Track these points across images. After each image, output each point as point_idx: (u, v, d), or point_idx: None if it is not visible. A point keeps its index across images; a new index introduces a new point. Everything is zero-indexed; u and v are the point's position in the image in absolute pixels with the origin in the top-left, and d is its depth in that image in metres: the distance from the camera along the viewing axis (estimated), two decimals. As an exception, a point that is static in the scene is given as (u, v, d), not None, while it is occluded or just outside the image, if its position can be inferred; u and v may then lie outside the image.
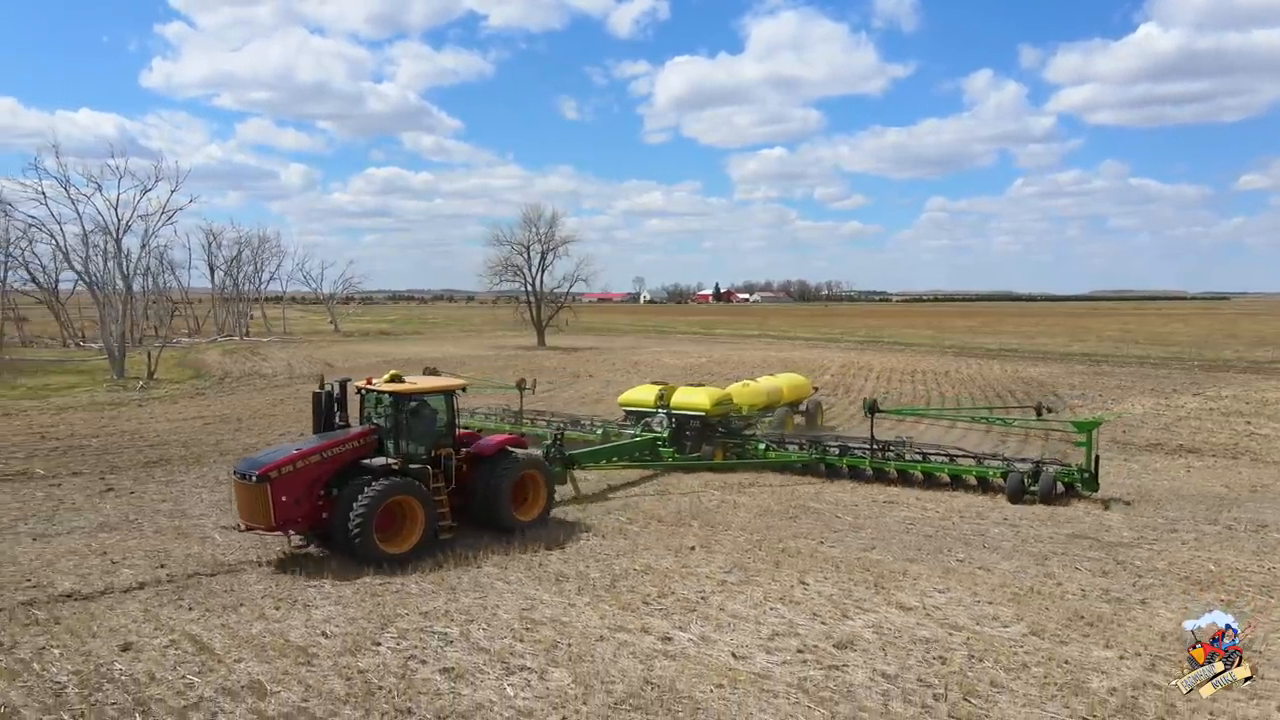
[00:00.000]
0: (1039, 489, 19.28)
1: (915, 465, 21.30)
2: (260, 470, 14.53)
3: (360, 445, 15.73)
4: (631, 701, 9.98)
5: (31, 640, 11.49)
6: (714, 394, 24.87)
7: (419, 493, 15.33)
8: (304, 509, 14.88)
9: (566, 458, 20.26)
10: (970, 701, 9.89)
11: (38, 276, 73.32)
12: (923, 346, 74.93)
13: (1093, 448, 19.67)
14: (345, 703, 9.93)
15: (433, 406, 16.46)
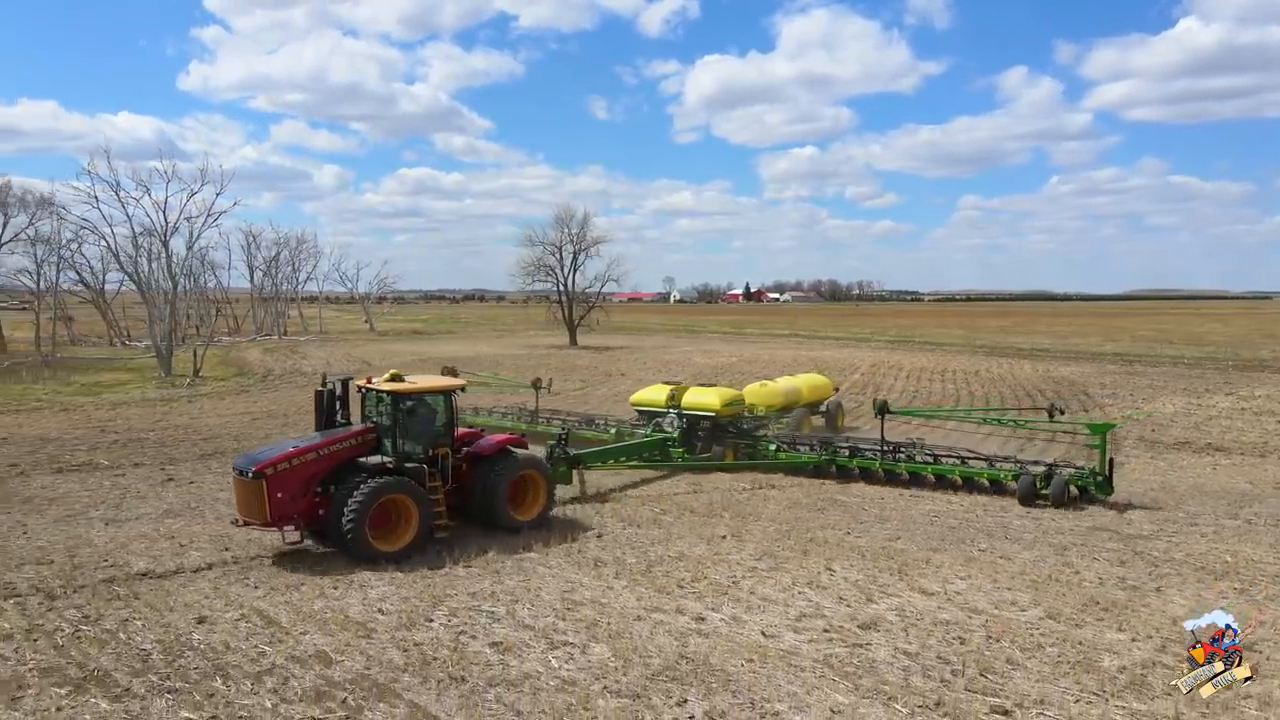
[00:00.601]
0: (1051, 492, 19.05)
1: (926, 467, 21.12)
2: (256, 467, 14.77)
3: (357, 444, 15.86)
4: (668, 673, 10.73)
5: (115, 613, 12.48)
6: (724, 394, 24.74)
7: (413, 491, 15.38)
8: (300, 505, 15.05)
9: (571, 457, 20.31)
10: (986, 677, 10.52)
11: (85, 277, 75.63)
12: (954, 346, 74.89)
13: (1107, 451, 19.53)
14: (404, 671, 10.78)
15: (430, 406, 16.49)
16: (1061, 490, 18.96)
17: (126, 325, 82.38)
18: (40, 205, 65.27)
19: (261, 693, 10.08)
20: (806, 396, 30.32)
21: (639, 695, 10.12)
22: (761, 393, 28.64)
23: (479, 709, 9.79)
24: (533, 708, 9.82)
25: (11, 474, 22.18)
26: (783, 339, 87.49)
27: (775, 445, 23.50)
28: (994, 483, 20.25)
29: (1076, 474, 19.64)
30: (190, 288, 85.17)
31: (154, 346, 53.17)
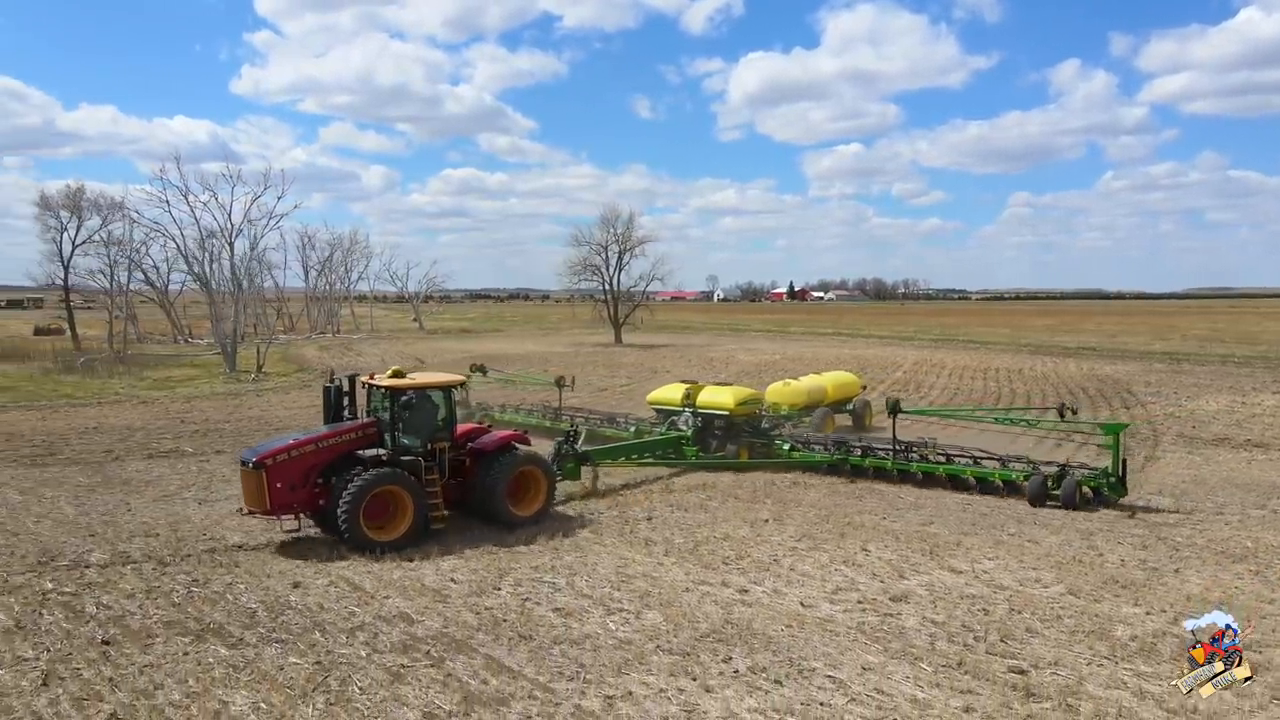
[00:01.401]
0: (1061, 493, 18.81)
1: (938, 467, 21.04)
2: (257, 458, 15.47)
3: (357, 437, 16.38)
4: (714, 636, 11.90)
5: (220, 578, 14.00)
6: (739, 393, 24.79)
7: (407, 483, 15.81)
8: (300, 495, 15.65)
9: (580, 454, 20.59)
10: (1006, 642, 11.52)
11: (151, 278, 78.84)
12: (998, 345, 74.71)
13: (1120, 451, 19.35)
14: (478, 630, 12.08)
15: (428, 401, 16.84)
16: (1072, 491, 18.76)
17: (188, 323, 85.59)
18: (112, 208, 68.43)
19: (356, 644, 11.46)
20: (832, 395, 30.00)
21: (689, 653, 11.30)
22: (784, 391, 28.43)
23: (547, 661, 11.04)
24: (594, 661, 11.04)
25: (108, 459, 24.14)
26: (826, 337, 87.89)
27: (789, 444, 23.60)
28: (1006, 483, 20.13)
29: (1089, 475, 19.43)
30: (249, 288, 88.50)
31: (219, 344, 55.61)
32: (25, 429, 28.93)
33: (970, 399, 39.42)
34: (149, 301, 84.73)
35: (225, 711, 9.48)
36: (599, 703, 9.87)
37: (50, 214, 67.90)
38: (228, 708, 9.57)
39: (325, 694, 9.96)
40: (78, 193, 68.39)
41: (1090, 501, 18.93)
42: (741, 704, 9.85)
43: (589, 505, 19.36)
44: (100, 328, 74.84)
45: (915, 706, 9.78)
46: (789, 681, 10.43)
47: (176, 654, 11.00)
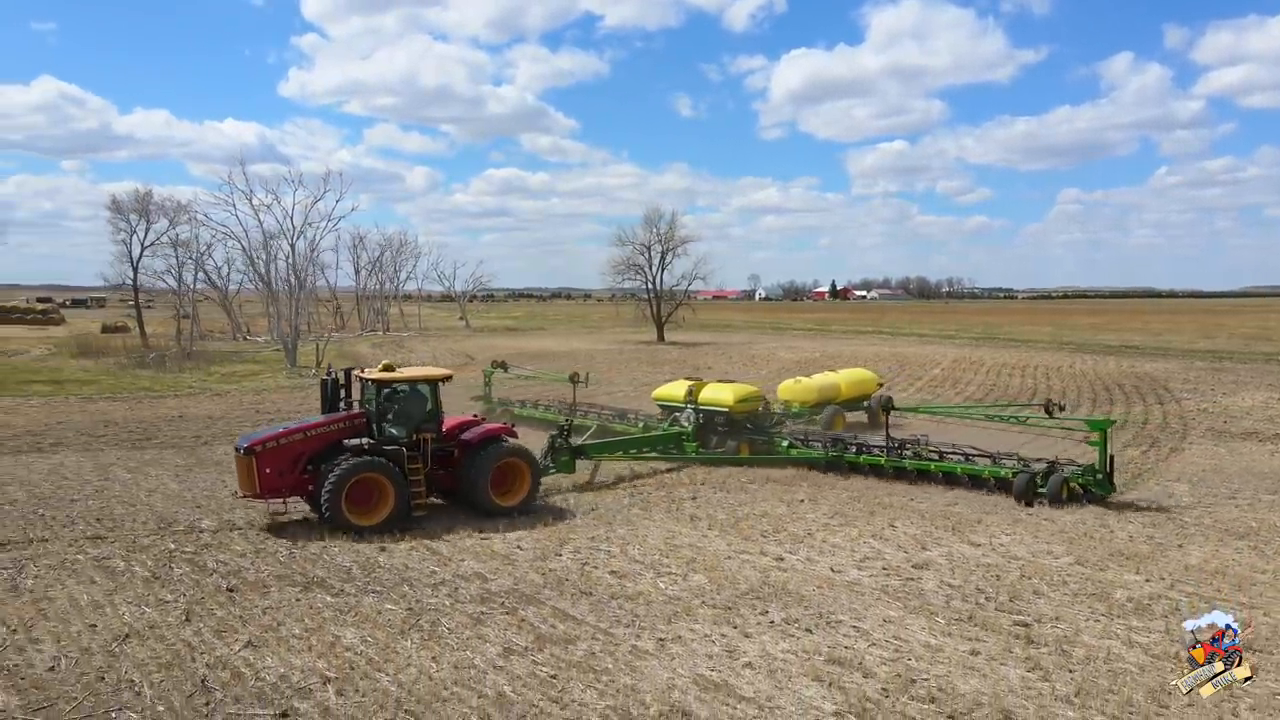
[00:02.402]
0: (1047, 490, 18.69)
1: (930, 464, 21.06)
2: (248, 444, 16.49)
3: (345, 427, 17.26)
4: (752, 594, 13.45)
5: (315, 542, 15.88)
6: (739, 391, 24.93)
7: (387, 471, 16.54)
8: (288, 480, 16.55)
9: (574, 448, 21.08)
10: (1014, 602, 12.91)
11: (214, 278, 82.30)
12: (1039, 343, 74.89)
13: (1107, 448, 19.00)
14: (544, 587, 13.76)
15: (413, 394, 17.69)
16: (1058, 488, 18.60)
17: (245, 322, 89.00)
18: (178, 211, 71.73)
19: (440, 595, 13.20)
20: (846, 393, 29.64)
21: (730, 608, 12.86)
22: (796, 389, 28.37)
23: (605, 612, 12.68)
24: (647, 613, 12.66)
25: (198, 444, 26.43)
26: (867, 335, 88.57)
27: (788, 441, 23.86)
28: (997, 479, 19.94)
29: (1076, 471, 19.20)
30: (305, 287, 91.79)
31: (280, 341, 58.31)
32: (118, 417, 31.38)
33: (1006, 395, 40.34)
34: (207, 300, 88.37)
35: (339, 643, 11.26)
36: (652, 644, 11.47)
37: (120, 217, 71.35)
38: (340, 640, 11.35)
39: (419, 632, 11.70)
40: (146, 196, 71.82)
41: (1080, 498, 18.83)
42: (776, 647, 11.39)
43: (637, 485, 21.00)
44: (164, 325, 78.36)
45: (928, 650, 11.24)
46: (818, 630, 11.96)
47: (290, 600, 12.84)
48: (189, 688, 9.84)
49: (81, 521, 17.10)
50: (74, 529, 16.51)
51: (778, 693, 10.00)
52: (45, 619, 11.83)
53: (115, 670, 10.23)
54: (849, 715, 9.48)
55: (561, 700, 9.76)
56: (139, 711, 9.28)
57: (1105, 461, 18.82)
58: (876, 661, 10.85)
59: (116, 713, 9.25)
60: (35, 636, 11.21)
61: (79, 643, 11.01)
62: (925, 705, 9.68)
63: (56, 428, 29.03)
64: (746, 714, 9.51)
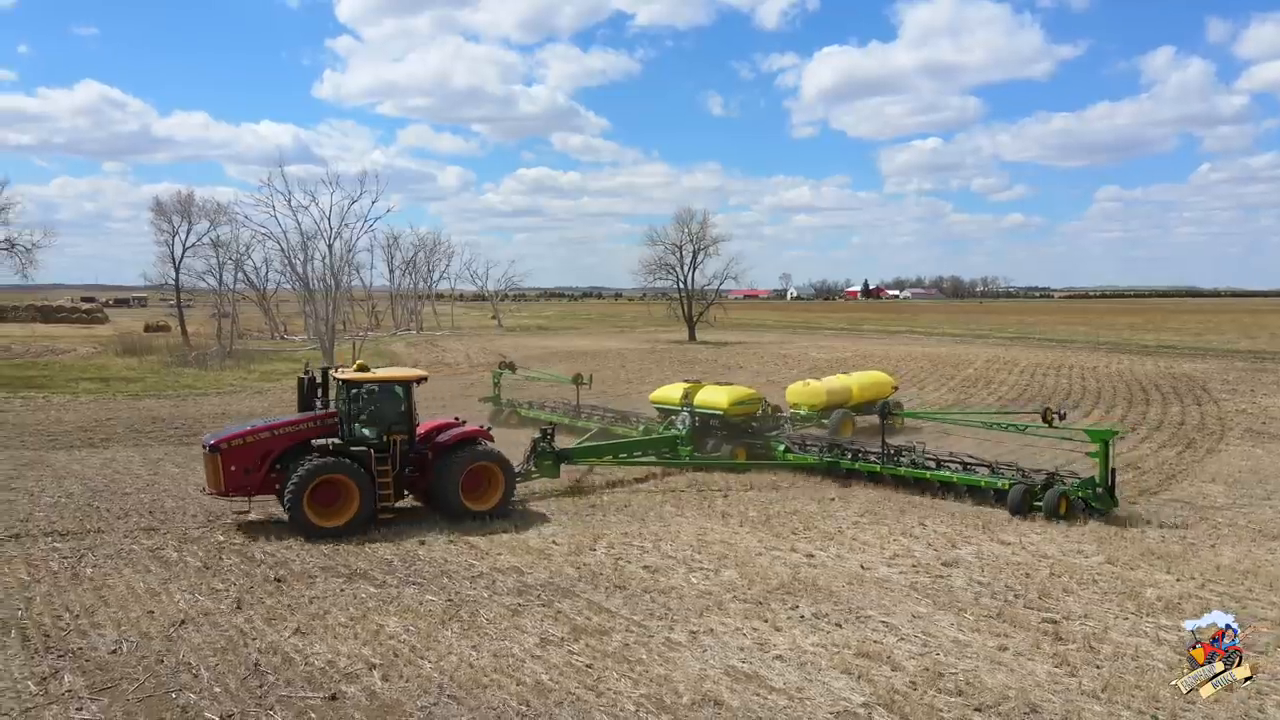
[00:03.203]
0: (1044, 504, 17.56)
1: (925, 472, 20.08)
2: (213, 442, 16.49)
3: (316, 426, 16.99)
4: (783, 589, 13.70)
5: (357, 536, 16.35)
6: (734, 393, 24.21)
7: (353, 472, 16.26)
8: (254, 479, 16.35)
9: (558, 452, 20.52)
10: (1043, 600, 13.04)
11: (252, 278, 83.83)
12: (1075, 343, 74.08)
13: (1109, 460, 17.72)
14: (579, 581, 14.11)
15: (384, 395, 17.44)
16: (1055, 503, 17.44)
17: (283, 321, 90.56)
18: (218, 213, 73.21)
19: (478, 587, 13.61)
20: (858, 396, 28.60)
21: (761, 602, 13.13)
22: (804, 391, 27.63)
23: (639, 605, 13.00)
24: (679, 606, 12.96)
25: (241, 440, 27.09)
26: (899, 335, 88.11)
27: (784, 446, 23.08)
28: (995, 491, 18.68)
29: (1075, 485, 17.84)
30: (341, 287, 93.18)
31: (318, 340, 59.28)
32: (164, 414, 32.27)
33: (1040, 395, 40.04)
34: (246, 300, 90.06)
35: (382, 631, 11.69)
36: (685, 636, 11.78)
37: (163, 218, 72.99)
38: (383, 628, 11.78)
39: (459, 622, 12.10)
40: (187, 198, 73.41)
41: (1082, 513, 17.56)
42: (806, 640, 11.64)
43: (669, 483, 21.26)
44: (204, 325, 79.96)
45: (956, 645, 11.43)
46: (847, 625, 12.19)
47: (334, 590, 13.32)
48: (243, 671, 10.32)
49: (135, 514, 17.76)
50: (128, 521, 17.16)
51: (807, 684, 10.27)
52: (105, 605, 12.41)
53: (174, 654, 10.75)
54: (877, 707, 9.72)
55: (597, 689, 10.10)
56: (197, 692, 9.76)
57: (1106, 475, 17.59)
58: (905, 655, 11.06)
59: (177, 693, 9.74)
60: (97, 621, 11.77)
61: (138, 627, 11.56)
62: (952, 698, 9.88)
63: (106, 424, 29.95)
64: (777, 704, 9.79)
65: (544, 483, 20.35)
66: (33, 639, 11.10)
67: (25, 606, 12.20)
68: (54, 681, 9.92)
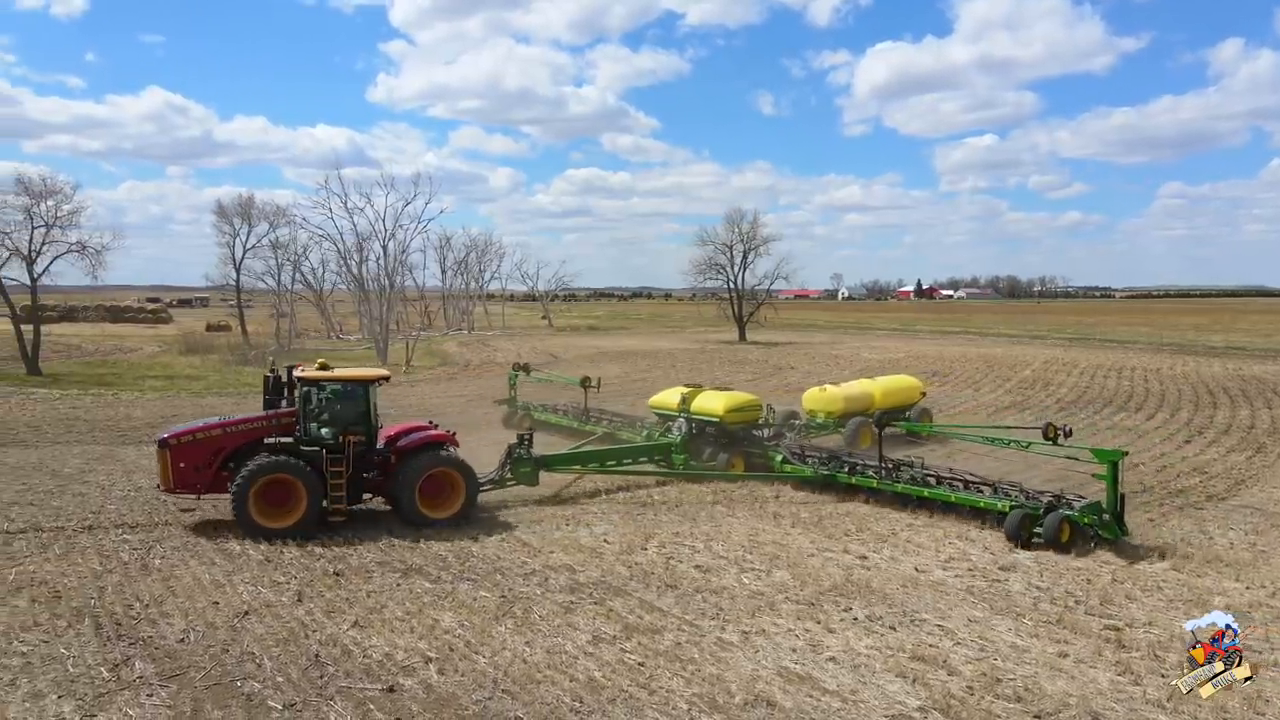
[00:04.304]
0: (1044, 531, 15.74)
1: (923, 489, 18.48)
2: (163, 438, 16.23)
3: (271, 425, 16.55)
4: (835, 591, 13.59)
5: (412, 533, 16.62)
6: (732, 400, 22.83)
7: (300, 473, 15.81)
8: (204, 476, 16.01)
9: (537, 459, 19.83)
10: (1105, 606, 12.74)
11: (309, 278, 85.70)
12: (1137, 344, 72.11)
13: (1118, 484, 15.87)
14: (630, 579, 14.17)
15: (344, 394, 16.95)
16: (1055, 529, 15.63)
17: (338, 320, 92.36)
18: (277, 215, 74.95)
19: (531, 585, 13.74)
20: (881, 403, 26.76)
21: (813, 604, 13.04)
22: (821, 398, 26.38)
23: (691, 605, 13.00)
24: (731, 606, 12.93)
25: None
26: (953, 336, 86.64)
27: (781, 456, 21.58)
28: (993, 512, 17.00)
29: (1081, 509, 15.96)
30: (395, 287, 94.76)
31: (372, 338, 60.38)
32: (226, 411, 33.04)
33: (1100, 397, 39.09)
34: (302, 299, 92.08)
35: (438, 626, 11.87)
36: (737, 636, 11.76)
37: (225, 221, 74.96)
38: (439, 623, 11.96)
39: (512, 618, 12.23)
40: (248, 201, 75.26)
41: (1091, 541, 15.73)
42: (859, 643, 11.54)
43: (720, 485, 21.18)
44: (264, 324, 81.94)
45: (1014, 650, 11.23)
46: (901, 628, 12.05)
47: (391, 585, 13.56)
48: (304, 662, 10.57)
49: (200, 508, 18.26)
50: (193, 514, 17.66)
51: (861, 687, 10.18)
52: (173, 595, 12.80)
53: (238, 644, 11.05)
54: (933, 711, 9.59)
55: (650, 686, 10.13)
56: (261, 681, 10.03)
57: (1115, 500, 15.78)
58: (961, 660, 10.90)
59: (241, 682, 10.01)
60: (165, 611, 12.15)
61: (204, 618, 11.91)
62: (1011, 704, 9.72)
63: (172, 420, 30.78)
64: (830, 706, 9.72)
65: (521, 489, 19.63)
66: (105, 627, 11.51)
67: (98, 596, 12.66)
68: (125, 668, 10.27)
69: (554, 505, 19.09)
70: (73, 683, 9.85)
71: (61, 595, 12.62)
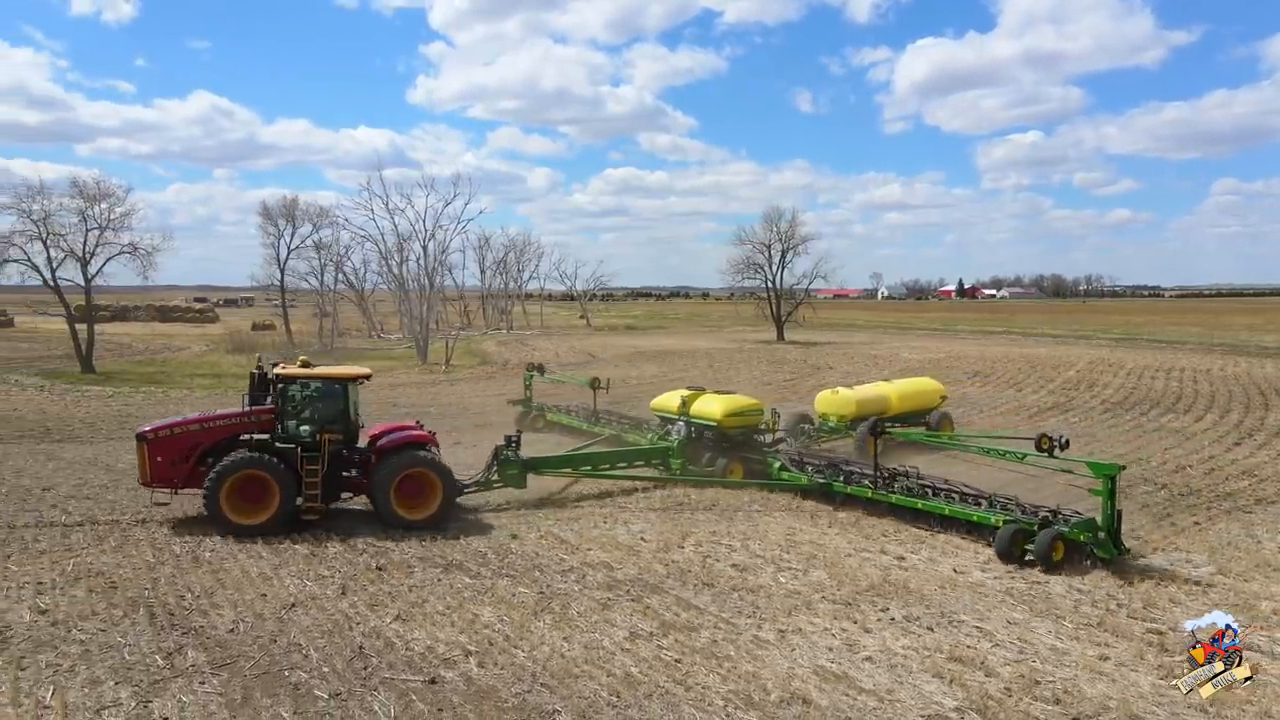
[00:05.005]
0: (1035, 549, 14.70)
1: (917, 502, 17.55)
2: (140, 431, 16.46)
3: (249, 421, 16.61)
4: (873, 591, 13.58)
5: (453, 528, 16.87)
6: (730, 403, 22.05)
7: (273, 470, 15.84)
8: (181, 471, 16.10)
9: (524, 461, 19.50)
10: (1148, 610, 12.59)
11: (351, 278, 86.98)
12: (1187, 344, 70.51)
13: (1114, 500, 14.71)
14: (667, 577, 14.27)
15: (323, 392, 16.98)
16: (1047, 547, 14.56)
17: (379, 320, 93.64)
18: (320, 216, 76.22)
19: (569, 581, 13.91)
20: (898, 407, 26.00)
21: (850, 603, 13.05)
22: (832, 401, 25.59)
23: (727, 603, 13.08)
24: (768, 605, 12.99)
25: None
26: (995, 336, 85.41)
27: (779, 463, 20.88)
28: (988, 526, 16.01)
29: (1074, 525, 14.92)
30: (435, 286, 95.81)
31: (412, 338, 61.17)
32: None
33: (1147, 399, 38.33)
34: (344, 299, 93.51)
35: (478, 620, 12.09)
36: (773, 634, 11.81)
37: (270, 222, 76.39)
38: (479, 618, 12.18)
39: (551, 614, 12.41)
40: (292, 203, 76.62)
41: (1087, 560, 14.70)
42: (896, 643, 11.53)
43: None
44: (307, 324, 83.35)
45: (1054, 653, 11.15)
46: (939, 629, 12.02)
47: (432, 580, 13.81)
48: (348, 653, 10.84)
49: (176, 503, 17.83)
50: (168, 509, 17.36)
51: (898, 686, 10.19)
52: (223, 587, 13.18)
53: (285, 635, 11.36)
54: (970, 712, 9.58)
55: (686, 683, 10.24)
56: (307, 671, 10.31)
57: (1111, 516, 14.67)
58: (1000, 662, 10.86)
59: (289, 671, 10.30)
60: (215, 602, 12.52)
61: (253, 609, 12.25)
62: (1049, 706, 9.67)
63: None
64: (866, 705, 9.75)
65: (509, 491, 19.42)
66: (159, 616, 11.89)
67: (152, 586, 13.07)
68: (179, 656, 10.62)
69: (592, 504, 19.26)
70: (129, 669, 10.21)
71: (117, 585, 13.06)
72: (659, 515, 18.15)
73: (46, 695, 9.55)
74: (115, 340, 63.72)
